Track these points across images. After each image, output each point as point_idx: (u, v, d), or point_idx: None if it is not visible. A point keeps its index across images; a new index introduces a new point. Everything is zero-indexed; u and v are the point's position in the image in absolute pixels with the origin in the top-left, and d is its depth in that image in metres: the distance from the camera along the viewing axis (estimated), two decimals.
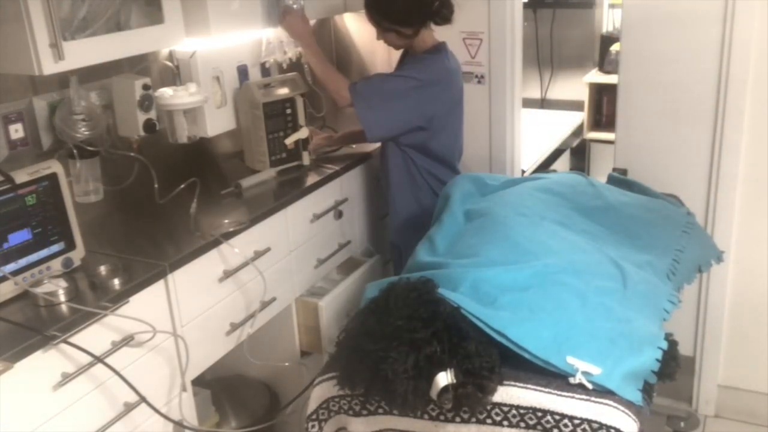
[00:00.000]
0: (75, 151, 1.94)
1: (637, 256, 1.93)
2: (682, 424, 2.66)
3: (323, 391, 1.66)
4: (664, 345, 1.60)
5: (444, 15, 2.34)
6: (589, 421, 1.43)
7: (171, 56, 2.27)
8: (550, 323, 1.58)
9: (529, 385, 1.50)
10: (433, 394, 1.43)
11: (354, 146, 2.68)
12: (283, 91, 2.43)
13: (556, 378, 1.51)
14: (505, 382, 1.50)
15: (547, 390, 1.48)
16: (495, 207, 2.04)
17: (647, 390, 1.57)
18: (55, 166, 1.71)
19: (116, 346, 1.63)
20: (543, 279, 1.70)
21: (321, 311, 2.30)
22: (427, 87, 2.32)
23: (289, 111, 2.41)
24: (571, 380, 1.49)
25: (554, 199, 2.11)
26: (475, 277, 1.69)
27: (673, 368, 1.66)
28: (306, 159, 2.48)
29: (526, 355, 1.52)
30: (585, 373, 1.49)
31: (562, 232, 1.94)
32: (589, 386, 1.48)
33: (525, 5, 3.15)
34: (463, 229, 2.01)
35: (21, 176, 1.63)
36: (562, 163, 3.84)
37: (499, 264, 1.74)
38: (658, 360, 1.57)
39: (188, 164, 2.37)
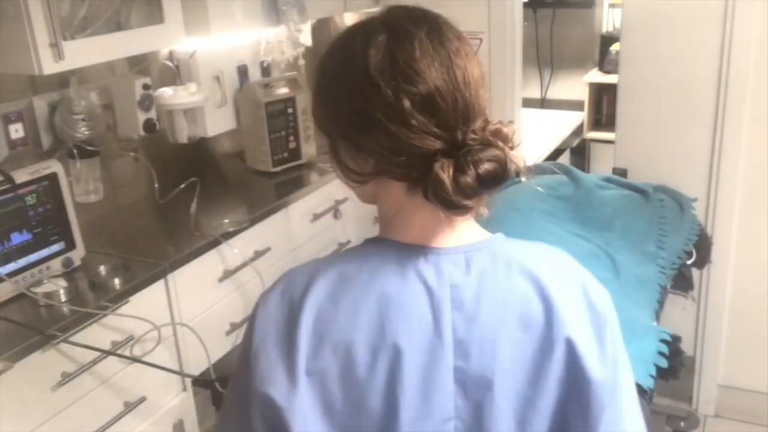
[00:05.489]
0: (75, 151, 1.94)
1: (621, 242, 1.97)
2: (682, 423, 2.65)
3: None
4: (666, 332, 1.62)
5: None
6: None
7: (171, 56, 2.27)
8: None
9: None
10: None
11: None
12: (284, 91, 2.43)
13: None
14: None
15: None
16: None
17: (660, 375, 1.57)
18: (55, 166, 1.71)
19: (116, 346, 1.63)
20: None
21: None
22: None
23: (290, 110, 2.42)
24: None
25: (540, 190, 2.15)
26: None
27: (677, 363, 1.67)
28: None
29: None
30: None
31: (552, 223, 1.97)
32: None
33: (525, 5, 3.15)
34: None
35: (21, 176, 1.63)
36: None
37: None
38: (663, 342, 1.59)
39: (188, 164, 2.37)
